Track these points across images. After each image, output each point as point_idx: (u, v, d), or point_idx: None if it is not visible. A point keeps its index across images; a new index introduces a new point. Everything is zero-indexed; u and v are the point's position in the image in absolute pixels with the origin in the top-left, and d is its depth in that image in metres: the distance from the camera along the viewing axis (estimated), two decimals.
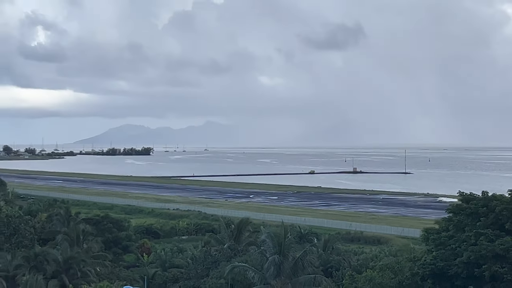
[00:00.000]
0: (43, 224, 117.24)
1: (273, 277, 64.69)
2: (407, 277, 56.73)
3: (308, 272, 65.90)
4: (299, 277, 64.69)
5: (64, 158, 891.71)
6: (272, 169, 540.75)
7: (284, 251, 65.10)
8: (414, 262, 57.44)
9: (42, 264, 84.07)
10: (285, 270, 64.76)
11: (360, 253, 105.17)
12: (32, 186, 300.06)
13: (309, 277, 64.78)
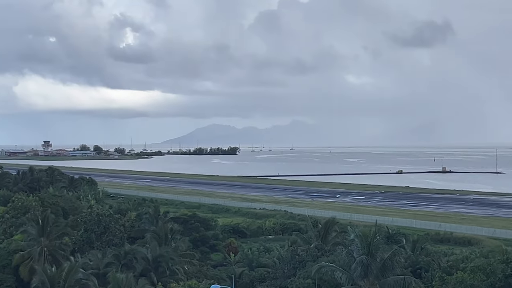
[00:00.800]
0: (132, 222, 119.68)
1: (360, 277, 64.16)
2: (500, 279, 55.37)
3: (396, 273, 65.05)
4: (388, 278, 63.92)
5: (152, 157, 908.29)
6: (359, 169, 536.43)
7: (372, 252, 64.46)
8: (507, 264, 55.98)
9: (131, 262, 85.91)
10: (373, 271, 64.11)
11: (450, 254, 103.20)
12: (122, 185, 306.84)
13: (398, 278, 63.91)
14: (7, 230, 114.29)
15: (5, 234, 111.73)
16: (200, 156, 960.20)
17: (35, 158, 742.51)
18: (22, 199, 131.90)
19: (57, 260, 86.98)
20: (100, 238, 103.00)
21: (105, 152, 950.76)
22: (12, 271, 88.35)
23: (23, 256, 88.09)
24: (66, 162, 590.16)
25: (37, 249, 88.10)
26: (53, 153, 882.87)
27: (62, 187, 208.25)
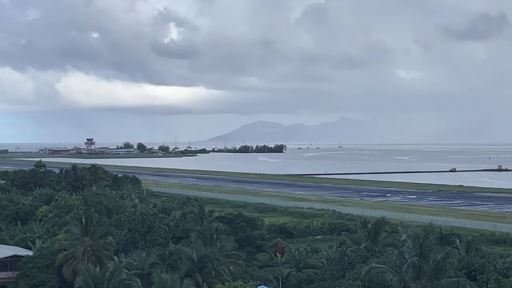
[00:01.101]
0: (177, 222, 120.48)
1: (412, 280, 63.58)
2: None
3: (450, 275, 64.29)
4: (441, 280, 63.21)
5: (197, 155, 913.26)
6: (410, 167, 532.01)
7: (424, 253, 63.82)
8: None
9: (176, 262, 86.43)
10: (425, 273, 63.47)
11: (507, 255, 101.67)
12: (166, 184, 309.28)
13: (451, 281, 63.16)
14: (50, 230, 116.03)
15: (48, 234, 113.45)
16: (246, 154, 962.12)
17: (78, 156, 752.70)
18: (65, 198, 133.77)
19: (101, 260, 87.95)
20: (144, 237, 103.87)
21: (149, 150, 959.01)
22: (56, 271, 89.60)
23: (67, 256, 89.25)
24: (109, 160, 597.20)
25: (81, 249, 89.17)
26: (97, 151, 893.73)
27: (105, 185, 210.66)
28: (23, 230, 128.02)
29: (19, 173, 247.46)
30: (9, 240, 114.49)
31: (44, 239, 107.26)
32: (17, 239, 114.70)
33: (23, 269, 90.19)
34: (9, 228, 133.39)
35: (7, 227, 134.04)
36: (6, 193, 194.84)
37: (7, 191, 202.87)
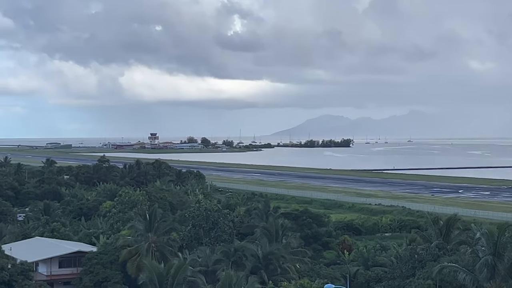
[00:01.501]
0: (242, 218, 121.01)
1: (486, 279, 62.56)
2: None
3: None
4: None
5: (261, 150, 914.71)
6: (483, 162, 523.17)
7: (499, 251, 62.69)
8: None
9: (241, 259, 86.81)
10: (500, 272, 62.38)
11: None
12: (230, 179, 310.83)
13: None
14: (114, 225, 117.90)
15: (112, 229, 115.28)
16: (312, 149, 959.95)
17: (141, 151, 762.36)
18: (129, 193, 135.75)
19: (165, 257, 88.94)
20: (208, 234, 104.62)
21: (213, 145, 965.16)
22: (120, 267, 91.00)
23: (131, 252, 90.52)
24: (173, 155, 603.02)
25: (145, 245, 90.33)
26: (160, 145, 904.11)
27: (169, 181, 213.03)
28: (87, 226, 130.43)
29: (82, 168, 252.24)
30: (73, 235, 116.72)
31: (108, 235, 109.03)
32: (81, 235, 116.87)
33: (87, 265, 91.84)
34: (73, 224, 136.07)
35: (71, 223, 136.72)
36: (70, 189, 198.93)
37: (71, 186, 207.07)
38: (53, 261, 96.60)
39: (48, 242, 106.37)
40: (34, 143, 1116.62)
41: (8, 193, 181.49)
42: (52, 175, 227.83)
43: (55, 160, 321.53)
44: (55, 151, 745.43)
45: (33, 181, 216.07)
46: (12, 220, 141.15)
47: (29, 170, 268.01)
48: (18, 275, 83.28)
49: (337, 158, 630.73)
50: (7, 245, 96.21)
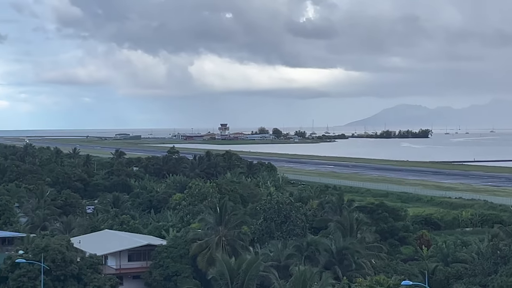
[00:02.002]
0: (315, 211, 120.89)
1: None
2: None
3: None
4: None
5: (335, 141, 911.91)
6: None
7: None
8: None
9: (314, 254, 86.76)
10: None
11: None
12: (302, 171, 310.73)
13: None
14: (184, 218, 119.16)
15: (182, 222, 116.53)
16: (388, 140, 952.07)
17: (211, 142, 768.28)
18: (199, 185, 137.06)
19: (236, 251, 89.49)
20: (280, 227, 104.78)
21: (285, 136, 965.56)
22: (190, 261, 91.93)
23: (201, 246, 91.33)
24: (243, 146, 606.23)
25: (215, 239, 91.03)
26: (230, 136, 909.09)
27: (240, 173, 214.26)
28: (156, 219, 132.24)
29: (152, 159, 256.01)
30: (143, 228, 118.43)
31: (178, 228, 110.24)
32: (150, 228, 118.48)
33: (156, 259, 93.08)
34: (143, 216, 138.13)
35: (140, 215, 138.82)
36: (139, 180, 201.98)
37: (140, 178, 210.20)
38: (122, 254, 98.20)
39: (118, 235, 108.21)
40: (102, 134, 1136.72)
41: (77, 185, 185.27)
42: (121, 166, 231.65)
43: (124, 151, 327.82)
44: (124, 142, 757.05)
45: (102, 172, 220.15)
46: (81, 212, 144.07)
47: (98, 161, 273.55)
48: (87, 268, 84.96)
49: (414, 150, 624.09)
50: (76, 238, 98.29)
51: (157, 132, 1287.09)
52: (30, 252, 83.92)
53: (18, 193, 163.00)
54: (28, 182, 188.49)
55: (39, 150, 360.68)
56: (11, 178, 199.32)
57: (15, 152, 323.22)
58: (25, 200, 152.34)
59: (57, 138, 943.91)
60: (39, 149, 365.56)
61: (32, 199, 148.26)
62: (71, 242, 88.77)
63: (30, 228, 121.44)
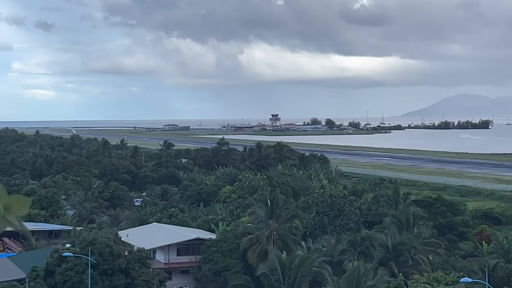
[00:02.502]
0: (369, 205, 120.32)
1: None
2: None
3: None
4: None
5: (390, 132, 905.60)
6: None
7: None
8: None
9: (368, 249, 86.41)
10: None
11: None
12: (357, 164, 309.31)
13: None
14: (234, 211, 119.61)
15: (232, 216, 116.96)
16: (446, 131, 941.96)
17: (262, 133, 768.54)
18: (249, 178, 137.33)
19: (287, 245, 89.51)
20: (333, 222, 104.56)
21: (338, 127, 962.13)
22: (240, 256, 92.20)
23: (251, 240, 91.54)
24: (295, 138, 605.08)
25: (266, 233, 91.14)
26: (282, 127, 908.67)
27: (291, 165, 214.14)
28: (205, 212, 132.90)
29: (201, 151, 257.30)
30: (192, 222, 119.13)
31: (228, 221, 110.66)
32: (199, 221, 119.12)
33: (206, 253, 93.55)
34: (192, 210, 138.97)
35: (189, 208, 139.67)
36: (188, 173, 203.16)
37: (189, 170, 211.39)
38: (171, 248, 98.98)
39: (166, 229, 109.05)
40: (150, 124, 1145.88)
41: (125, 177, 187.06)
42: (169, 158, 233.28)
43: (173, 142, 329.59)
44: (173, 133, 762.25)
45: (150, 164, 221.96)
46: (129, 205, 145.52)
47: (146, 153, 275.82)
48: (135, 262, 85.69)
49: (474, 141, 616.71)
50: (124, 231, 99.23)
51: (206, 122, 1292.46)
52: (77, 246, 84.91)
53: (65, 185, 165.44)
54: (75, 174, 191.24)
55: (86, 141, 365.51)
56: (58, 170, 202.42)
57: (62, 143, 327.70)
58: (72, 193, 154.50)
59: (104, 129, 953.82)
60: (86, 140, 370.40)
61: (79, 191, 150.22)
62: (118, 236, 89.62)
63: (77, 221, 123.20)
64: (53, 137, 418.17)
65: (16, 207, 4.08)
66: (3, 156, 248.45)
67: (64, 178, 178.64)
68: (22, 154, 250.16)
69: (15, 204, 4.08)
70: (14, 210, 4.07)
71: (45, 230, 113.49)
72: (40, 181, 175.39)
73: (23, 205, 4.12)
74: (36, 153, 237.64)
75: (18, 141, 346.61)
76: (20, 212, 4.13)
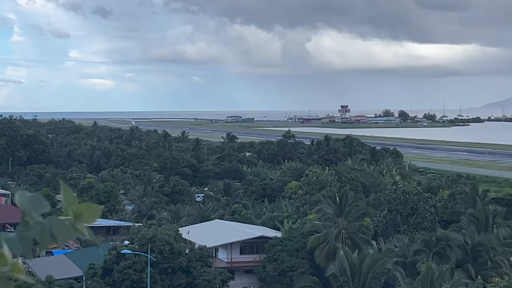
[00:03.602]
0: (445, 203, 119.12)
1: None
2: None
3: None
4: None
5: (469, 125, 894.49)
6: None
7: None
8: None
9: (444, 250, 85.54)
10: None
11: None
12: (432, 158, 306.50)
13: None
14: (300, 208, 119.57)
15: (298, 213, 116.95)
16: None
17: (330, 126, 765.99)
18: (316, 173, 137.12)
19: (357, 245, 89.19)
20: (406, 220, 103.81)
21: (412, 119, 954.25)
22: (307, 255, 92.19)
23: (319, 239, 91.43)
24: (366, 130, 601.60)
25: (334, 231, 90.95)
26: (352, 119, 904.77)
27: (362, 159, 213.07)
28: (270, 208, 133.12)
29: (266, 144, 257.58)
30: (256, 219, 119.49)
31: (294, 219, 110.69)
32: (264, 218, 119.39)
33: (270, 252, 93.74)
34: (255, 206, 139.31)
35: (253, 205, 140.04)
36: (252, 167, 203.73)
37: (253, 164, 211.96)
38: (234, 246, 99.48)
39: (229, 226, 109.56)
40: (213, 116, 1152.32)
41: (186, 171, 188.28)
42: (233, 151, 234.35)
43: (236, 135, 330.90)
44: (236, 125, 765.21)
45: (213, 158, 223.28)
46: (190, 200, 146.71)
47: (208, 146, 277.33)
48: (197, 261, 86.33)
49: None
50: (184, 228, 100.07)
51: (271, 114, 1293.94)
52: (136, 243, 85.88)
53: (124, 179, 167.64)
54: (134, 167, 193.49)
55: (145, 133, 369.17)
56: (116, 163, 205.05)
57: (120, 135, 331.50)
58: (131, 187, 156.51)
59: (164, 120, 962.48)
60: (145, 132, 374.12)
61: (138, 185, 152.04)
62: (179, 233, 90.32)
63: (136, 217, 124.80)
64: (112, 128, 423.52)
65: (86, 216, 4.15)
66: (60, 148, 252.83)
67: (123, 172, 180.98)
68: (79, 147, 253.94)
69: (85, 212, 4.14)
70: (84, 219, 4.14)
71: (102, 226, 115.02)
72: (98, 174, 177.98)
73: (93, 214, 4.18)
74: (93, 146, 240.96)
75: (75, 132, 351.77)
76: (90, 220, 4.19)
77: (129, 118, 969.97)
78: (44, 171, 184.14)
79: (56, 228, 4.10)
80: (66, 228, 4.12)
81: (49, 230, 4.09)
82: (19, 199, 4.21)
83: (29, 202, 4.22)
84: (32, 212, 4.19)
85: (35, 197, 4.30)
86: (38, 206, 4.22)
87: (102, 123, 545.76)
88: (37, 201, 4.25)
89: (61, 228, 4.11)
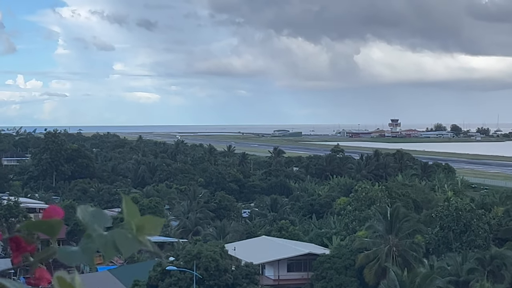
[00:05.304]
0: (500, 220, 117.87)
1: None
2: None
3: None
4: None
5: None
6: None
7: None
8: None
9: (499, 269, 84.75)
10: None
11: None
12: (486, 174, 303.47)
13: None
14: (349, 225, 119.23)
15: (347, 230, 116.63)
16: None
17: (380, 140, 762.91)
18: (366, 188, 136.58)
19: (408, 263, 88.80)
20: (459, 238, 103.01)
21: (465, 133, 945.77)
22: (356, 273, 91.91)
23: (368, 256, 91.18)
24: (417, 145, 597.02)
25: (384, 249, 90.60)
26: (402, 134, 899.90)
27: (412, 174, 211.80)
28: (318, 225, 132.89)
29: (314, 159, 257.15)
30: (303, 236, 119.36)
31: (342, 235, 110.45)
32: (311, 235, 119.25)
33: (318, 270, 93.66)
34: (303, 222, 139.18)
35: (300, 221, 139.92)
36: (299, 182, 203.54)
37: (301, 179, 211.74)
38: (281, 263, 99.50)
39: (276, 242, 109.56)
40: (259, 130, 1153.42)
41: (232, 186, 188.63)
42: (280, 166, 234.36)
43: (283, 149, 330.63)
44: (283, 140, 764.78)
45: (259, 173, 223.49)
46: (236, 216, 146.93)
47: (254, 160, 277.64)
48: (243, 278, 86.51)
49: None
50: (231, 245, 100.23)
51: (320, 128, 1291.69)
52: (182, 259, 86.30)
53: (169, 194, 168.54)
54: (179, 182, 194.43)
55: (191, 147, 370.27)
56: (161, 178, 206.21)
57: (165, 149, 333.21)
58: (176, 202, 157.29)
59: (210, 134, 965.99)
60: (191, 146, 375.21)
61: (183, 201, 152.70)
62: (225, 249, 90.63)
63: (181, 233, 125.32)
64: (156, 142, 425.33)
65: (148, 228, 4.29)
66: (104, 163, 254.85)
67: (168, 187, 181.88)
68: (124, 161, 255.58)
69: (147, 224, 4.28)
70: (146, 231, 4.28)
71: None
72: (142, 189, 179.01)
73: (155, 226, 4.32)
74: (138, 160, 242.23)
75: (120, 147, 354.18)
76: (153, 232, 4.33)
77: (174, 132, 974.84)
78: (88, 186, 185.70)
79: (119, 241, 4.27)
80: (129, 240, 4.28)
81: (112, 243, 4.26)
82: (81, 213, 4.38)
83: (91, 216, 4.40)
84: (95, 226, 4.36)
85: (97, 212, 4.48)
86: (100, 220, 4.40)
87: (147, 137, 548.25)
88: (99, 215, 4.42)
89: (124, 240, 4.27)
